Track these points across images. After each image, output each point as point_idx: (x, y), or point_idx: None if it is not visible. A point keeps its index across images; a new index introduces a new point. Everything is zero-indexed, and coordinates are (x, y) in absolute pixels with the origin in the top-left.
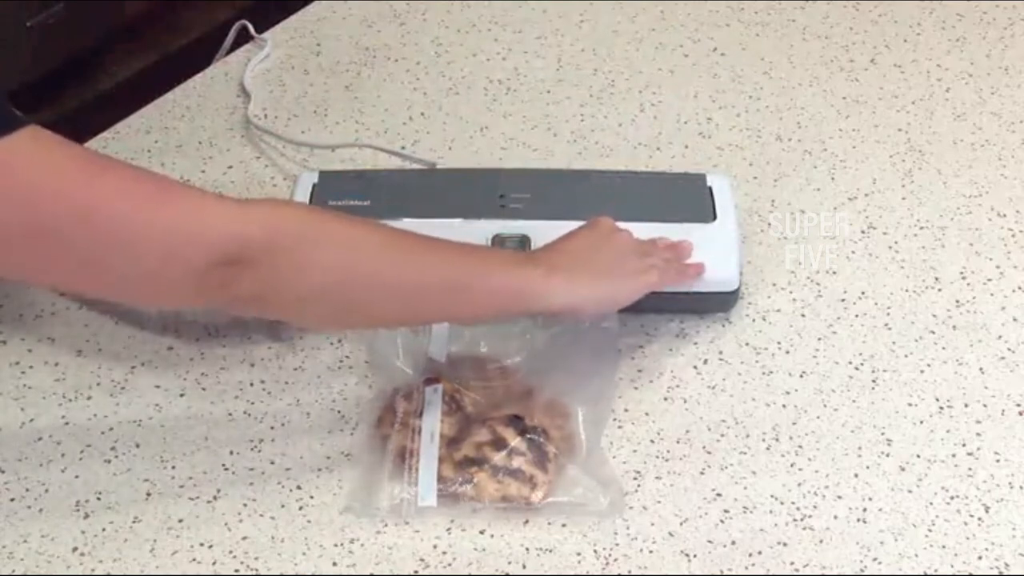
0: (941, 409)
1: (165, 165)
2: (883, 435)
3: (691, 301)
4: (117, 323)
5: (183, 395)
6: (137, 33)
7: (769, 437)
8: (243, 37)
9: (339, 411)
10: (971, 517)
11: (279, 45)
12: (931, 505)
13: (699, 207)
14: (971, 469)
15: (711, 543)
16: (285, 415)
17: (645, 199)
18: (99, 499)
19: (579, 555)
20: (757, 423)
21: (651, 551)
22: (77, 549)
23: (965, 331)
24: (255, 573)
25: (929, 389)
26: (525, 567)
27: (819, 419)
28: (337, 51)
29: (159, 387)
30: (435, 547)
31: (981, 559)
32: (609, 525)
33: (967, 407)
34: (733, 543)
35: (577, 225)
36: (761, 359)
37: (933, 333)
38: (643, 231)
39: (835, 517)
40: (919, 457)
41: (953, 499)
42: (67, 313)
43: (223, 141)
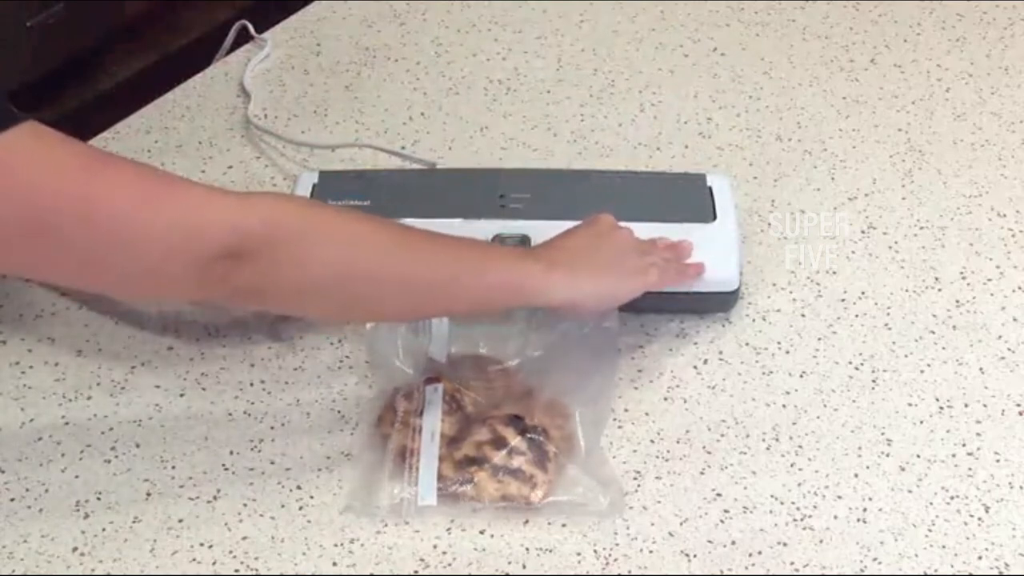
0: (941, 409)
1: (165, 165)
2: (883, 435)
3: (691, 301)
4: (117, 323)
5: (183, 395)
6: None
7: (769, 437)
8: (243, 37)
9: (339, 411)
10: (971, 517)
11: (279, 45)
12: (931, 505)
13: (699, 207)
14: (971, 469)
15: (711, 543)
16: (285, 415)
17: (645, 199)
18: (99, 499)
19: (579, 555)
20: (757, 423)
21: (651, 551)
22: (77, 549)
23: (965, 331)
24: (255, 573)
25: (929, 389)
26: (525, 567)
27: (819, 419)
28: (337, 51)
29: (159, 387)
30: (435, 547)
31: (981, 559)
32: (609, 525)
33: (967, 407)
34: (733, 543)
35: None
36: (761, 359)
37: (933, 333)
38: (643, 231)
39: (835, 517)
40: (919, 457)
41: (953, 499)
42: (67, 313)
43: (223, 141)
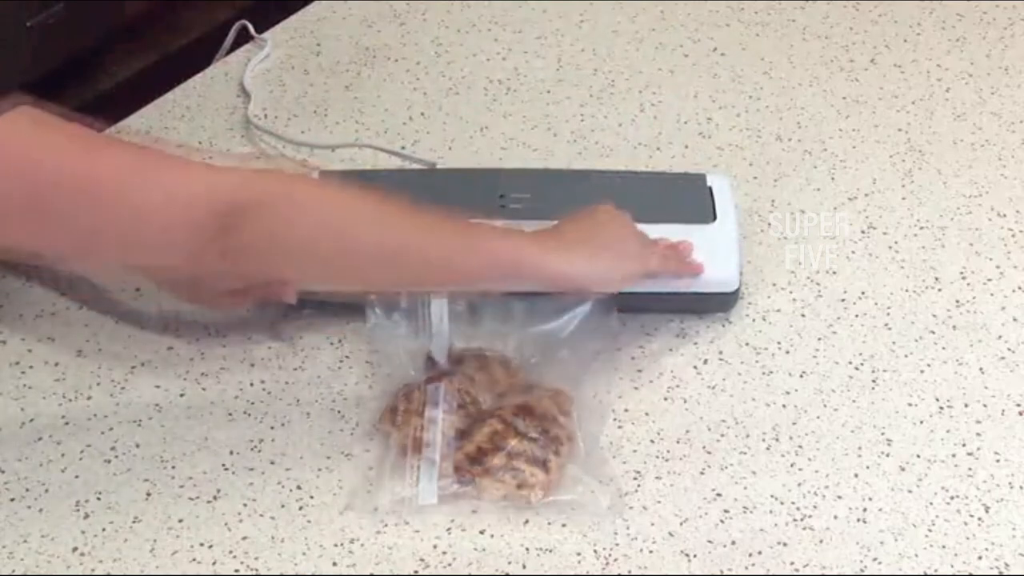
0: (941, 409)
1: None
2: (883, 435)
3: (691, 301)
4: (117, 323)
5: (183, 395)
6: (137, 33)
7: (769, 437)
8: (243, 37)
9: (339, 411)
10: (971, 517)
11: (279, 45)
12: (931, 505)
13: (699, 207)
14: (971, 469)
15: (711, 543)
16: (285, 415)
17: (645, 199)
18: (99, 499)
19: (579, 555)
20: (757, 423)
21: (651, 551)
22: (77, 549)
23: (965, 331)
24: (255, 573)
25: (929, 389)
26: (525, 567)
27: (819, 419)
28: (337, 51)
29: (159, 387)
30: (435, 547)
31: (981, 559)
32: (609, 525)
33: (967, 407)
34: (733, 543)
35: None
36: (761, 359)
37: (933, 333)
38: (643, 231)
39: (835, 517)
40: (919, 457)
41: (953, 499)
42: (67, 313)
43: (223, 141)
